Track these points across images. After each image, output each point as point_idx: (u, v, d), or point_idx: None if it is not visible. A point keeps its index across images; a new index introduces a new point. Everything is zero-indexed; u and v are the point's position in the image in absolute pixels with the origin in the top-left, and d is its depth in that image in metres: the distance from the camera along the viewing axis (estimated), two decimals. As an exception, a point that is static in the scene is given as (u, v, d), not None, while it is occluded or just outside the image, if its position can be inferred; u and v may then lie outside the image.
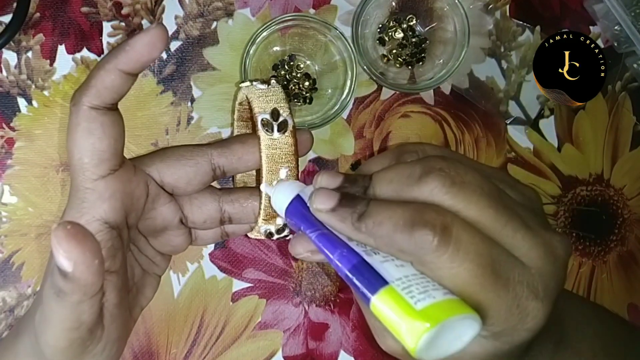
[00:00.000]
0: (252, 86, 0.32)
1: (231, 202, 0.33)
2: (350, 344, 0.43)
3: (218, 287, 0.41)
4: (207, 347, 0.41)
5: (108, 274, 0.27)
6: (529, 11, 0.46)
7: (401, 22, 0.43)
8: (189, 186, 0.32)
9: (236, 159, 0.32)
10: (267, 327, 0.42)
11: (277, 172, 0.31)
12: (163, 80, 0.40)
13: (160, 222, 0.32)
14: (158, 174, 0.31)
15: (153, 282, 0.33)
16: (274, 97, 0.32)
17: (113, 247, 0.28)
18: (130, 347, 0.40)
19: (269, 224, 0.32)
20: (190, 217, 0.33)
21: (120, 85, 0.27)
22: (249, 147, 0.32)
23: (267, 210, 0.32)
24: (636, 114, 0.48)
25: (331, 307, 0.43)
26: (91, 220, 0.27)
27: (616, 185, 0.48)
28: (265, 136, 0.31)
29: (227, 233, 0.35)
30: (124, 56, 0.26)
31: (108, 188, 0.28)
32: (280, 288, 0.42)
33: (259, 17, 0.41)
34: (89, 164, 0.27)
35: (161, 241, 0.33)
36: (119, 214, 0.28)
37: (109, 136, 0.27)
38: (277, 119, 0.31)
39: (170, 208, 0.32)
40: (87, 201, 0.27)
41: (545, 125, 0.47)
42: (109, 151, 0.27)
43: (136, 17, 0.40)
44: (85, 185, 0.27)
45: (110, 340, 0.28)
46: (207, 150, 0.32)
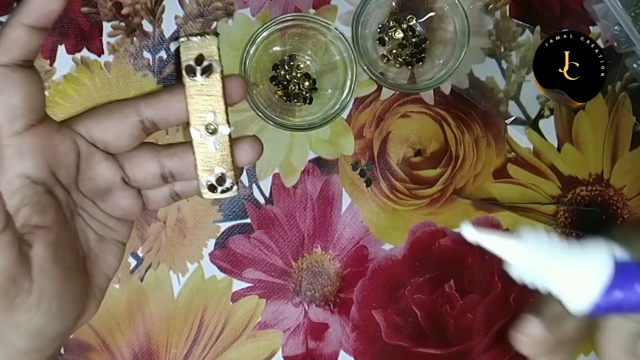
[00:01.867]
0: (187, 40, 0.31)
1: (169, 156, 0.33)
2: (350, 344, 0.43)
3: (218, 287, 0.41)
4: (207, 347, 0.41)
5: (36, 228, 0.28)
6: (529, 11, 0.46)
7: (401, 22, 0.43)
8: (119, 140, 0.32)
9: (164, 108, 0.32)
10: (267, 327, 0.42)
11: (204, 117, 0.31)
12: (163, 80, 0.40)
13: (102, 183, 0.32)
14: (86, 130, 0.31)
15: (114, 248, 0.34)
16: (203, 46, 0.31)
17: (40, 203, 0.28)
18: (130, 347, 0.40)
19: (209, 175, 0.32)
20: (131, 175, 0.33)
21: (26, 40, 0.27)
22: (175, 95, 0.32)
23: (202, 159, 0.32)
24: (636, 114, 0.48)
25: (331, 307, 0.43)
26: (13, 177, 0.28)
27: (616, 185, 0.48)
28: (189, 81, 0.31)
29: (176, 193, 0.34)
30: (25, 9, 0.27)
31: (26, 143, 0.28)
32: (280, 288, 0.42)
33: (259, 17, 0.41)
34: (3, 121, 0.28)
35: (110, 204, 0.33)
36: (41, 169, 0.29)
37: (21, 92, 0.28)
38: (200, 63, 0.31)
39: (108, 166, 0.32)
40: (6, 158, 0.28)
41: (545, 125, 0.47)
42: (22, 107, 0.28)
43: (136, 17, 0.40)
44: (2, 141, 0.28)
45: (45, 296, 0.28)
46: (135, 102, 0.32)
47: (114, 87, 0.39)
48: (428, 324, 0.44)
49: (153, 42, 0.40)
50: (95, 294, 0.32)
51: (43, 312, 0.28)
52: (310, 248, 0.42)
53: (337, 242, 0.43)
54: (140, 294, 0.40)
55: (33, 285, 0.27)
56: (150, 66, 0.40)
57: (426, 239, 0.44)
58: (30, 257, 0.27)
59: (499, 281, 0.45)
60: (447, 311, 0.44)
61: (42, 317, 0.28)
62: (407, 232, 0.44)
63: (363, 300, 0.43)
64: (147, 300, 0.40)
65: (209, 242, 0.41)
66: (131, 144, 0.32)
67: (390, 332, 0.44)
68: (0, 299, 0.27)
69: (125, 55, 0.40)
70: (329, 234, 0.43)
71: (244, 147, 0.33)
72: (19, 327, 0.28)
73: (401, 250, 0.44)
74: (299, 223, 0.42)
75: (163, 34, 0.40)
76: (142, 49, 0.40)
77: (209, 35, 0.31)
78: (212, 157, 0.32)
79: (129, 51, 0.40)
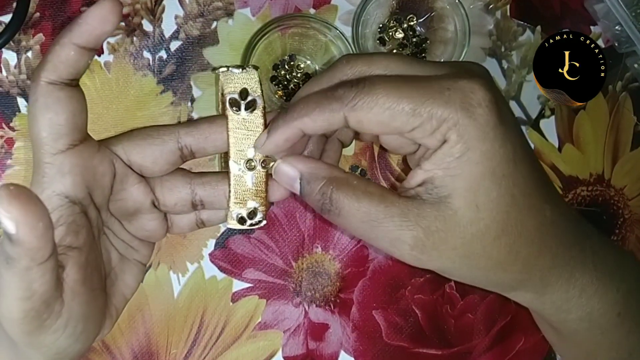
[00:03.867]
0: (228, 71, 0.32)
1: (202, 184, 0.33)
2: (350, 344, 0.43)
3: (218, 288, 0.41)
4: (207, 347, 0.41)
5: (69, 249, 0.28)
6: (529, 11, 0.46)
7: (402, 22, 0.43)
8: (155, 165, 0.32)
9: (203, 138, 0.32)
10: (267, 328, 0.42)
11: (245, 152, 0.31)
12: (163, 80, 0.40)
13: (132, 204, 0.32)
14: (124, 153, 0.31)
15: (134, 269, 0.34)
16: (246, 80, 0.32)
17: (75, 223, 0.28)
18: (130, 347, 0.40)
19: (240, 208, 0.32)
20: (162, 199, 0.33)
21: (75, 59, 0.27)
22: (216, 126, 0.32)
23: (237, 192, 0.32)
24: (637, 114, 0.48)
25: (331, 308, 0.43)
26: (51, 195, 0.28)
27: (617, 185, 0.48)
28: (232, 115, 0.31)
29: (202, 221, 0.35)
30: (78, 30, 0.27)
31: (67, 162, 0.28)
32: (280, 288, 0.42)
33: (259, 17, 0.41)
34: (47, 139, 0.27)
35: (136, 225, 0.33)
36: (79, 189, 0.28)
37: (66, 111, 0.27)
38: (245, 98, 0.31)
39: (140, 189, 0.32)
40: (47, 176, 0.28)
41: (545, 126, 0.46)
42: (67, 126, 0.28)
43: (136, 17, 0.40)
44: (44, 159, 0.28)
45: (73, 318, 0.28)
46: (174, 129, 0.32)
47: (114, 87, 0.39)
48: (428, 324, 0.44)
49: (153, 42, 0.40)
50: (112, 313, 0.32)
51: (69, 334, 0.28)
52: (310, 248, 0.42)
53: (338, 242, 0.43)
54: (140, 294, 0.40)
55: (64, 307, 0.27)
56: (150, 66, 0.40)
57: (426, 239, 0.44)
58: (63, 279, 0.27)
59: (500, 281, 0.45)
60: (448, 311, 0.44)
61: (67, 339, 0.28)
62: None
63: (363, 301, 0.43)
64: (147, 301, 0.40)
65: (209, 242, 0.41)
66: (167, 169, 0.32)
67: (391, 333, 0.44)
68: (32, 321, 0.26)
69: (125, 55, 0.40)
70: (329, 234, 0.43)
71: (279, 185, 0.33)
72: (43, 347, 0.28)
73: (401, 250, 0.44)
74: (299, 223, 0.42)
75: (163, 34, 0.40)
76: (142, 48, 0.40)
77: (249, 67, 0.32)
78: (247, 190, 0.32)
79: (129, 51, 0.40)
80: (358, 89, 0.27)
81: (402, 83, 0.27)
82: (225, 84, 0.32)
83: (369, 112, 0.27)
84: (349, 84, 0.27)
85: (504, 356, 0.45)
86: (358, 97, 0.27)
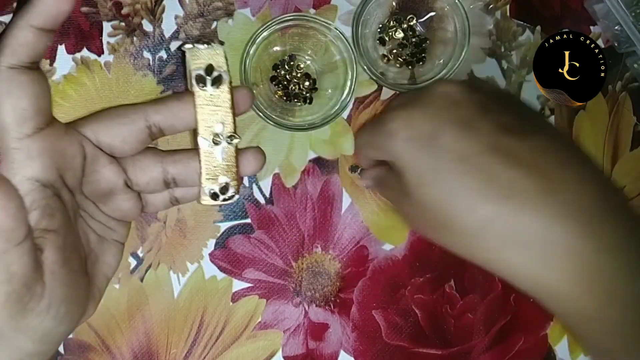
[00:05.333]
0: (194, 48, 0.32)
1: (174, 162, 0.33)
2: (350, 344, 0.43)
3: (218, 287, 0.41)
4: (207, 347, 0.41)
5: (46, 232, 0.28)
6: (529, 11, 0.46)
7: (401, 22, 0.43)
8: (125, 145, 0.32)
9: (172, 115, 0.32)
10: (267, 327, 0.42)
11: (213, 127, 0.32)
12: (163, 80, 0.40)
13: (105, 185, 0.32)
14: (93, 134, 0.31)
15: (113, 248, 0.34)
16: (211, 55, 0.32)
17: (49, 206, 0.28)
18: (130, 347, 0.40)
19: (212, 184, 0.32)
20: (134, 179, 0.33)
21: (34, 42, 0.27)
22: (184, 103, 0.32)
23: (207, 168, 0.32)
24: (636, 114, 0.48)
25: (331, 307, 0.43)
26: (22, 180, 0.28)
27: (616, 185, 0.48)
28: (199, 91, 0.31)
29: (176, 198, 0.35)
30: (34, 11, 0.27)
31: (35, 146, 0.28)
32: (280, 288, 0.42)
33: (259, 17, 0.41)
34: (12, 124, 0.27)
35: (110, 206, 0.33)
36: (50, 172, 0.28)
37: (29, 95, 0.27)
38: (210, 73, 0.31)
39: (112, 170, 0.32)
40: (15, 161, 0.28)
41: (545, 125, 0.46)
42: (30, 109, 0.28)
43: (136, 17, 0.40)
44: (11, 145, 0.28)
45: (55, 299, 0.28)
46: (143, 108, 0.32)
47: (114, 87, 0.39)
48: (428, 324, 0.44)
49: (153, 42, 0.40)
50: (95, 294, 0.33)
51: (52, 316, 0.28)
52: (310, 248, 0.42)
53: (338, 242, 0.43)
54: (140, 294, 0.40)
55: (45, 289, 0.27)
56: (150, 66, 0.40)
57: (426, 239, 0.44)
58: (42, 262, 0.27)
59: (499, 281, 0.45)
60: (448, 311, 0.44)
61: (51, 321, 0.28)
62: (407, 232, 0.44)
63: (363, 301, 0.43)
64: (147, 301, 0.40)
65: (209, 242, 0.41)
66: (137, 148, 0.32)
67: (391, 332, 0.44)
68: (14, 305, 0.27)
69: (125, 55, 0.40)
70: (329, 234, 0.43)
71: (248, 158, 0.34)
72: (29, 330, 0.28)
73: (401, 250, 0.44)
74: (299, 223, 0.42)
75: (163, 34, 0.40)
76: (142, 48, 0.40)
77: (214, 43, 0.32)
78: (218, 166, 0.32)
79: (129, 51, 0.40)
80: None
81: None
82: (191, 60, 0.32)
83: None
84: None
85: (503, 356, 0.45)
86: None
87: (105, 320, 0.40)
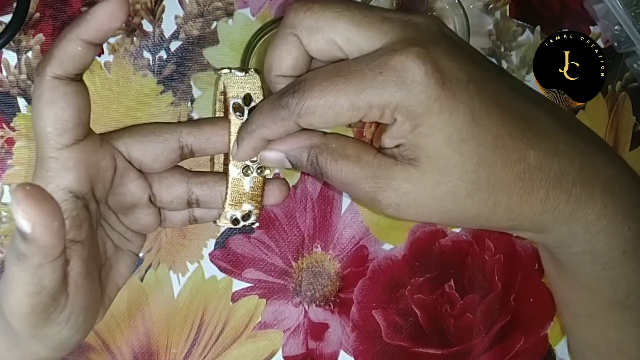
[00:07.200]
0: (231, 73, 0.32)
1: (200, 184, 0.34)
2: (350, 344, 0.43)
3: (218, 287, 0.41)
4: (207, 347, 0.41)
5: (73, 243, 0.28)
6: (529, 11, 0.46)
7: (401, 22, 0.43)
8: (155, 162, 0.32)
9: (204, 139, 0.33)
10: (267, 327, 0.42)
11: None
12: (163, 80, 0.40)
13: (130, 199, 0.32)
14: (125, 148, 0.32)
15: (127, 259, 0.34)
16: (249, 84, 0.32)
17: (78, 217, 0.28)
18: (130, 347, 0.40)
19: (235, 210, 0.33)
20: (159, 195, 0.33)
21: (82, 55, 0.27)
22: (218, 128, 0.33)
23: (233, 194, 0.33)
24: (636, 114, 0.48)
25: (331, 307, 0.43)
26: (56, 189, 0.28)
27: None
28: (236, 119, 0.32)
29: (195, 218, 0.35)
30: (85, 25, 0.27)
31: (72, 157, 0.28)
32: (280, 288, 0.42)
33: (259, 17, 0.41)
34: (52, 133, 0.28)
35: (131, 219, 0.33)
36: (83, 184, 0.29)
37: (72, 106, 0.28)
38: (248, 103, 0.32)
39: (139, 185, 0.32)
40: (51, 170, 0.28)
41: (545, 125, 0.46)
42: (72, 121, 0.28)
43: (136, 17, 0.40)
44: (49, 154, 0.28)
45: (75, 310, 0.28)
46: (176, 128, 0.32)
47: (114, 87, 0.39)
48: (428, 324, 0.44)
49: (153, 42, 0.40)
50: (105, 303, 0.33)
51: (71, 326, 0.28)
52: (310, 248, 0.42)
53: (337, 242, 0.43)
54: (140, 294, 0.40)
55: (68, 300, 0.28)
56: (150, 66, 0.40)
57: (426, 238, 0.44)
58: (67, 273, 0.28)
59: (499, 281, 0.45)
60: (447, 311, 0.44)
61: (69, 330, 0.28)
62: (407, 232, 0.44)
63: (363, 300, 0.43)
64: (147, 300, 0.40)
65: (209, 242, 0.41)
66: (166, 167, 0.33)
67: (391, 332, 0.44)
68: (39, 315, 0.27)
69: (125, 55, 0.40)
70: (329, 234, 0.43)
71: (274, 189, 0.34)
72: (46, 338, 0.28)
73: (401, 250, 0.44)
74: (299, 223, 0.42)
75: (163, 34, 0.40)
76: (142, 49, 0.40)
77: (251, 71, 0.32)
78: (244, 194, 0.33)
79: (129, 51, 0.40)
80: (299, 94, 0.28)
81: (337, 77, 0.27)
82: (228, 86, 0.32)
83: (314, 116, 0.27)
84: (291, 91, 0.28)
85: (503, 356, 0.45)
86: (300, 104, 0.27)
87: (105, 320, 0.40)
